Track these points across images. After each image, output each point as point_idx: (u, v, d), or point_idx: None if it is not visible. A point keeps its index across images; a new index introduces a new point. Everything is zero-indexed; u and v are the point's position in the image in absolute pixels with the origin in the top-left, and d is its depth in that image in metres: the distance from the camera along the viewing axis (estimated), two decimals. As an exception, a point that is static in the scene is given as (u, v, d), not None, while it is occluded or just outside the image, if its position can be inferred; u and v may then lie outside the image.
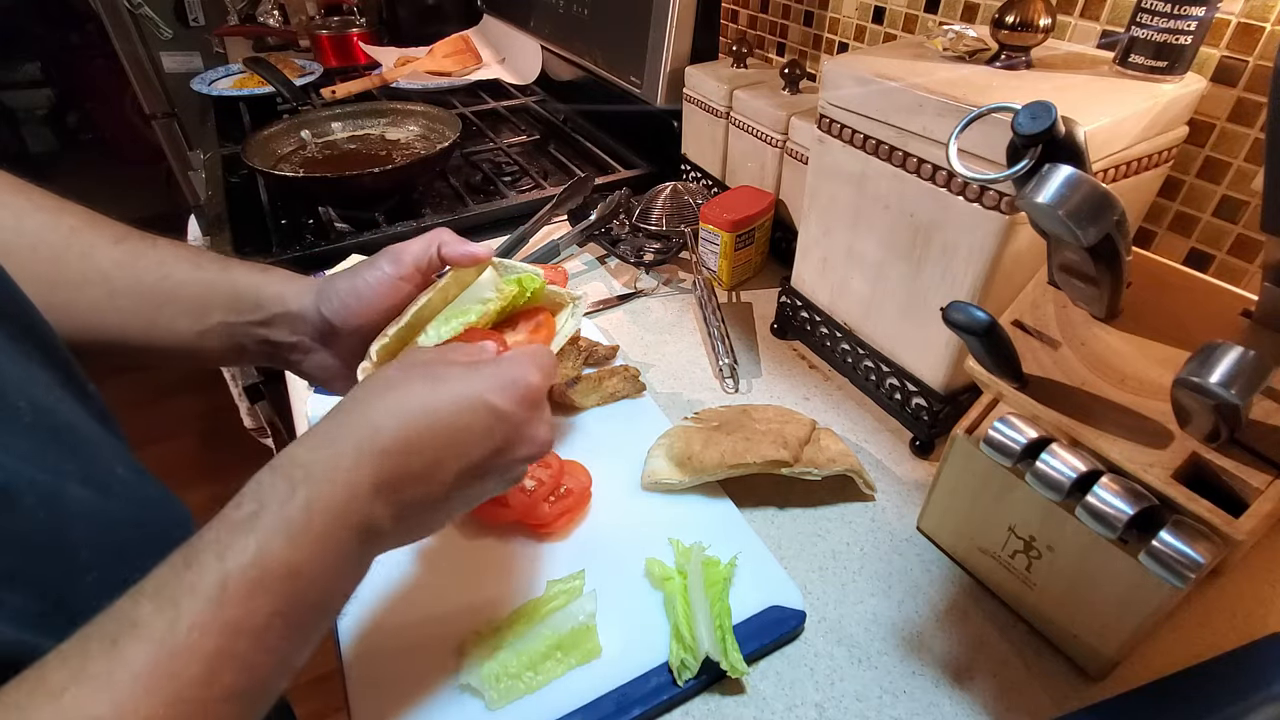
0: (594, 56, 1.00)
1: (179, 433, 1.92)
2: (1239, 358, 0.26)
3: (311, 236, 0.84)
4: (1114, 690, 0.40)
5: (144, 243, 0.42)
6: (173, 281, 0.41)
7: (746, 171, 0.78)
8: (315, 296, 0.43)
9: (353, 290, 0.42)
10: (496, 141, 1.08)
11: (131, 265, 0.41)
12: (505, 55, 1.36)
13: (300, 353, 0.44)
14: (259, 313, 0.43)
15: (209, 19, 1.71)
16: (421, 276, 0.44)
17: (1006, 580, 0.43)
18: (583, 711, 0.38)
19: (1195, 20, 0.43)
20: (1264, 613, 0.44)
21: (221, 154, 1.04)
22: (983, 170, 0.36)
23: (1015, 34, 0.47)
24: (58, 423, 0.30)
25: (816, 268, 0.61)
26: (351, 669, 0.40)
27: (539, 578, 0.44)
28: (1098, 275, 0.36)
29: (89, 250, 0.40)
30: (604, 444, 0.55)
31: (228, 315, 0.42)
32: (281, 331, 0.43)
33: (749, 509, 0.51)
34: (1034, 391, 0.38)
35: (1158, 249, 0.57)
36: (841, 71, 0.51)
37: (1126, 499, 0.33)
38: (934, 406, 0.53)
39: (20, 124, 3.00)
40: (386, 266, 0.43)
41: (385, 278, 0.42)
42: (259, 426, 1.11)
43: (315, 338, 0.44)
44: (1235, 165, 0.51)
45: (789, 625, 0.43)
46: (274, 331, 0.43)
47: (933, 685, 0.41)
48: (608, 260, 0.81)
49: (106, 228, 0.42)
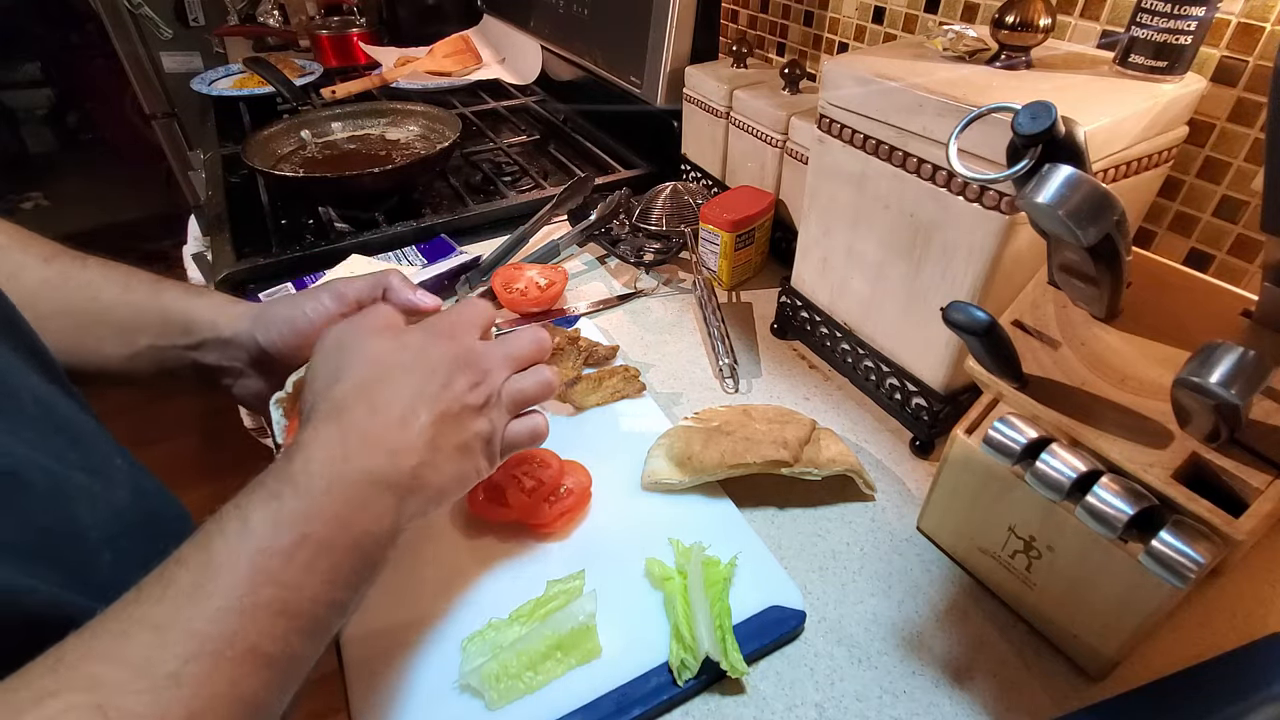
0: (594, 56, 1.00)
1: (179, 433, 1.92)
2: (1239, 358, 0.26)
3: (311, 236, 0.84)
4: (1114, 690, 0.40)
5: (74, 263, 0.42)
6: (101, 304, 0.41)
7: (746, 171, 0.78)
8: (251, 323, 0.43)
9: (290, 321, 0.42)
10: (496, 141, 1.08)
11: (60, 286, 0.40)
12: (505, 55, 1.36)
13: (231, 377, 0.44)
14: (188, 337, 0.42)
15: (209, 19, 1.71)
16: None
17: (1006, 580, 0.43)
18: (583, 711, 0.38)
19: (1195, 20, 0.43)
20: (1264, 613, 0.44)
21: (221, 154, 1.04)
22: (983, 170, 0.36)
23: (1015, 34, 0.47)
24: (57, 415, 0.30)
25: (816, 268, 0.61)
26: (351, 669, 0.40)
27: (539, 578, 0.44)
28: (1098, 275, 0.36)
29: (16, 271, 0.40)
30: (604, 444, 0.55)
31: (156, 339, 0.42)
32: (212, 355, 0.43)
33: (749, 509, 0.51)
34: (1034, 391, 0.38)
35: (1158, 249, 0.57)
36: (841, 71, 0.51)
37: (1126, 499, 0.33)
38: (934, 406, 0.53)
39: (20, 124, 2.99)
40: (328, 301, 0.43)
41: (325, 311, 0.42)
42: (259, 426, 1.11)
43: (248, 364, 0.43)
44: (1235, 165, 0.51)
45: (789, 625, 0.42)
46: (204, 355, 0.43)
47: (933, 685, 0.41)
48: (608, 260, 0.81)
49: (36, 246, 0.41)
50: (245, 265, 0.75)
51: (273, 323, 0.42)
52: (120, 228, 2.70)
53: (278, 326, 0.42)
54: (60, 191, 2.82)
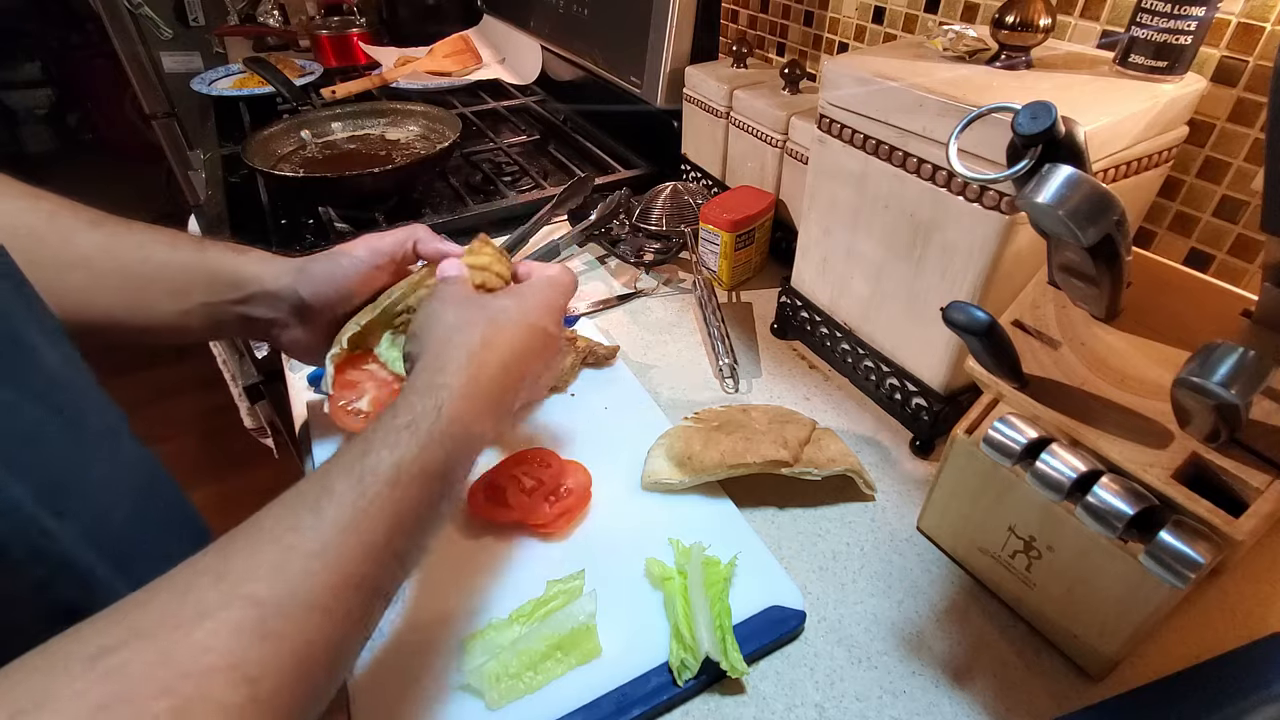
0: (594, 56, 1.00)
1: (179, 433, 1.92)
2: (1239, 358, 0.26)
3: (311, 236, 0.84)
4: (1114, 690, 0.40)
5: (121, 227, 0.44)
6: (153, 264, 0.43)
7: (746, 171, 0.78)
8: (293, 277, 0.46)
9: (329, 275, 0.46)
10: (496, 141, 1.08)
11: (111, 248, 0.42)
12: (505, 55, 1.36)
13: (278, 328, 0.47)
14: (236, 292, 0.45)
15: (209, 19, 1.71)
16: (396, 266, 0.48)
17: (1006, 580, 0.43)
18: (583, 711, 0.38)
19: (1195, 20, 0.43)
20: (1264, 613, 0.44)
21: (221, 154, 1.04)
22: (983, 170, 0.36)
23: (1015, 34, 0.47)
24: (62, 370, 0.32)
25: (816, 268, 0.61)
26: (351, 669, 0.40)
27: (539, 578, 0.44)
28: (1098, 275, 0.36)
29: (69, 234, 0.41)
30: (604, 444, 0.55)
31: (207, 296, 0.44)
32: (260, 309, 0.46)
33: (749, 509, 0.51)
34: (1034, 391, 0.38)
35: (1158, 249, 0.57)
36: (841, 71, 0.51)
37: (1126, 499, 0.33)
38: (934, 406, 0.53)
39: (20, 124, 3.00)
40: (363, 253, 0.47)
41: (361, 264, 0.46)
42: (259, 426, 1.11)
43: (292, 315, 0.47)
44: (1235, 165, 0.51)
45: (789, 625, 0.42)
46: (252, 309, 0.46)
47: (933, 685, 0.41)
48: (608, 260, 0.81)
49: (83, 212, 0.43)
50: (245, 265, 0.75)
51: (314, 276, 0.46)
52: (120, 228, 2.69)
53: (319, 280, 0.45)
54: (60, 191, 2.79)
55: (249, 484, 1.72)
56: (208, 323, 0.45)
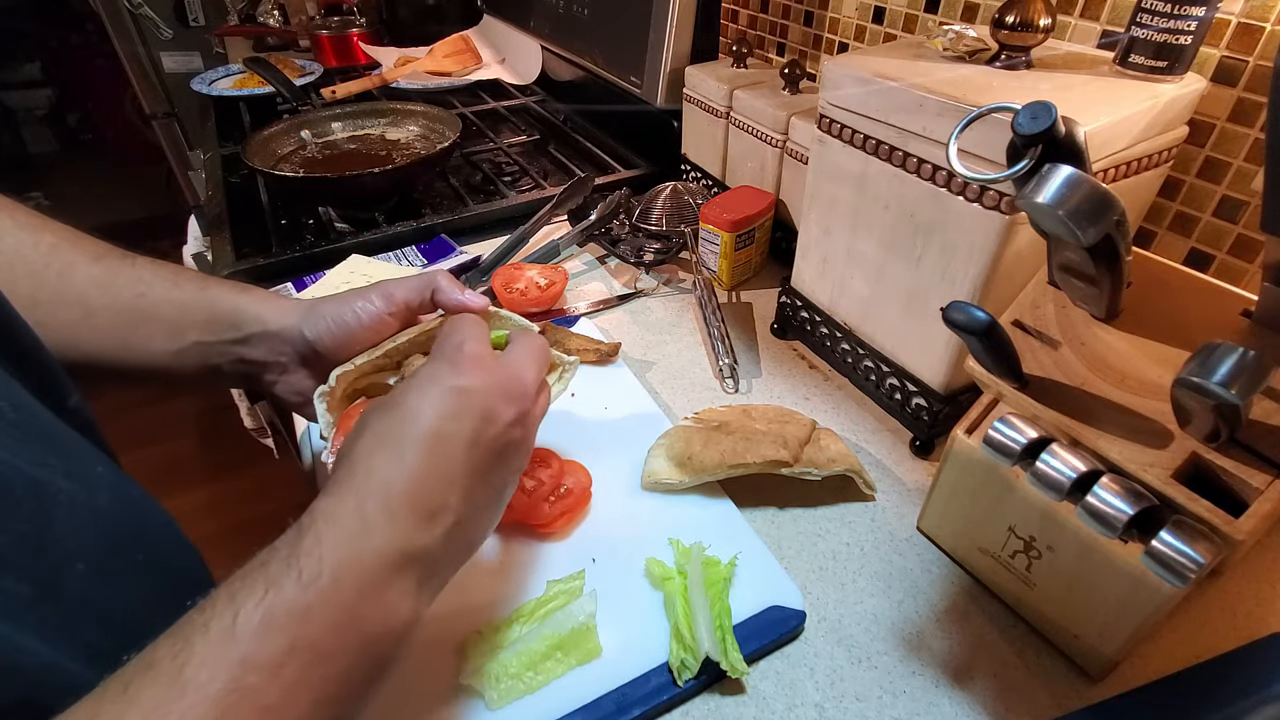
0: (594, 56, 1.00)
1: (179, 433, 1.92)
2: (1239, 358, 0.26)
3: (311, 236, 0.84)
4: (1114, 690, 0.40)
5: (123, 261, 0.42)
6: (149, 300, 0.41)
7: (746, 171, 0.78)
8: (299, 318, 0.43)
9: (338, 317, 0.42)
10: (496, 141, 1.08)
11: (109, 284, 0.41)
12: (505, 55, 1.36)
13: (276, 372, 0.44)
14: (235, 332, 0.43)
15: (209, 19, 1.71)
16: (410, 315, 0.44)
17: (1006, 580, 0.43)
18: (583, 711, 0.38)
19: (1195, 20, 0.43)
20: (1264, 613, 0.44)
21: (221, 154, 1.04)
22: (983, 170, 0.36)
23: (1015, 34, 0.47)
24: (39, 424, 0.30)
25: (816, 268, 0.61)
26: (351, 669, 0.40)
27: (539, 578, 0.44)
28: (1098, 275, 0.36)
29: (67, 269, 0.40)
30: (604, 444, 0.55)
31: (204, 335, 0.42)
32: (259, 351, 0.43)
33: (749, 509, 0.51)
34: (1034, 391, 0.38)
35: (1158, 249, 0.57)
36: (841, 71, 0.51)
37: (1126, 499, 0.33)
38: (934, 406, 0.53)
39: (20, 124, 3.00)
40: (377, 300, 0.43)
41: (375, 311, 0.43)
42: (259, 426, 1.11)
43: (293, 359, 0.44)
44: (1235, 165, 0.51)
45: (789, 625, 0.42)
46: (251, 350, 0.43)
47: (933, 685, 0.41)
48: (608, 260, 0.81)
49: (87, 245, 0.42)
50: (245, 265, 0.75)
51: (321, 318, 0.42)
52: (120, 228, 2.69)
53: (325, 322, 0.42)
54: (60, 191, 2.82)
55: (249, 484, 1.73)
56: (201, 365, 0.42)
